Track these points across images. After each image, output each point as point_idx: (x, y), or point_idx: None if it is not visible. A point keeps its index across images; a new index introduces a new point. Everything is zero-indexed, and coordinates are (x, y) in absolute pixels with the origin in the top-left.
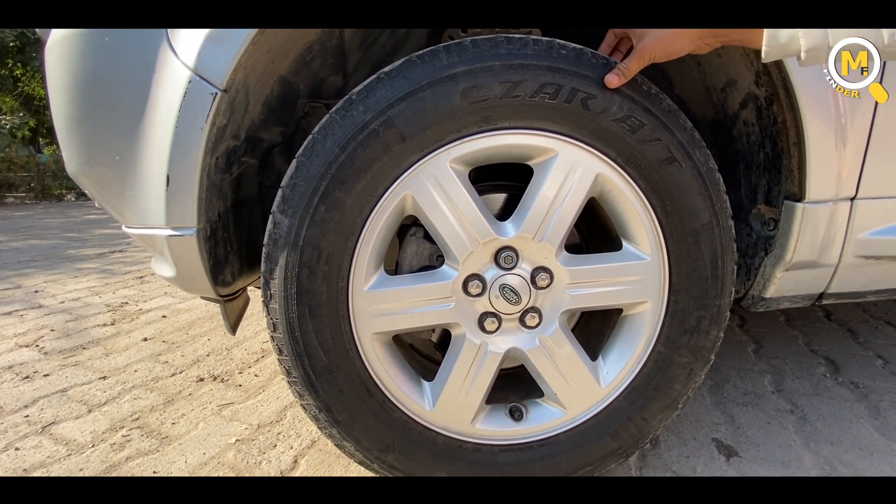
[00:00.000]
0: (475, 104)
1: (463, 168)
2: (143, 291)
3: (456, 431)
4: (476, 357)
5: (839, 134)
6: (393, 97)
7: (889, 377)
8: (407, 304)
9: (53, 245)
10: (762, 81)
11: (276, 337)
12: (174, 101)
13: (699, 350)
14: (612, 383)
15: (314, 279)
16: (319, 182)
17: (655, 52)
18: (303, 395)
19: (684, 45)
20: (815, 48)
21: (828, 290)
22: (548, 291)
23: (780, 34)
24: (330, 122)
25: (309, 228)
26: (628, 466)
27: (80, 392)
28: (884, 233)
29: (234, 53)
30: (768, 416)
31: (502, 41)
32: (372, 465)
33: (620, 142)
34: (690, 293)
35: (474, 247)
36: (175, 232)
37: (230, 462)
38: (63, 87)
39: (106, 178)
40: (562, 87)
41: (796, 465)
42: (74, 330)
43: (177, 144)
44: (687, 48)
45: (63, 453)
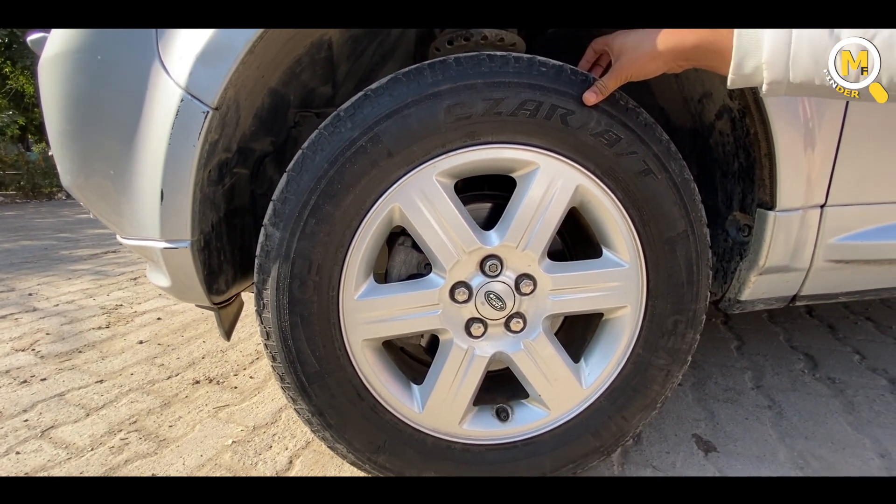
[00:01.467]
0: (459, 121)
1: (448, 181)
2: (138, 293)
3: (444, 432)
4: (463, 361)
5: (808, 146)
6: (380, 114)
7: (865, 372)
8: (396, 311)
9: (46, 246)
10: (735, 94)
11: (270, 345)
12: (167, 119)
13: (676, 352)
14: (593, 384)
15: (305, 289)
16: (309, 196)
17: (632, 72)
18: (296, 400)
19: (658, 66)
20: (775, 82)
21: (800, 292)
22: (532, 297)
23: (746, 65)
24: (319, 137)
25: (300, 241)
26: (611, 463)
27: (77, 396)
28: (852, 238)
29: (225, 73)
30: (747, 411)
31: (484, 59)
32: (364, 465)
33: (599, 155)
34: (667, 298)
35: (460, 256)
36: (170, 244)
37: (227, 463)
38: (57, 104)
39: (100, 191)
40: (542, 103)
41: (771, 459)
42: (70, 333)
43: (170, 161)
44: (661, 69)
45: (63, 457)
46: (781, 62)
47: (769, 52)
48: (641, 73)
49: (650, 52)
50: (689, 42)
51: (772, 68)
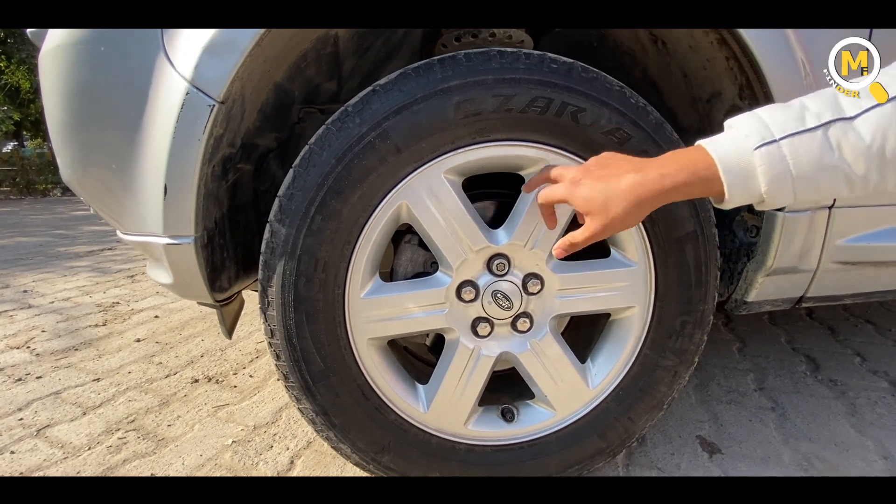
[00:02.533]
0: (469, 117)
1: (456, 178)
2: (135, 291)
3: (449, 433)
4: (469, 361)
5: None
6: (388, 109)
7: (866, 374)
8: (402, 310)
9: (41, 243)
10: (746, 95)
11: (274, 343)
12: (171, 112)
13: (684, 353)
14: (600, 385)
15: (311, 287)
16: (316, 192)
17: (610, 233)
18: (300, 400)
19: (639, 219)
20: (784, 200)
21: (807, 293)
22: (539, 297)
23: (741, 196)
24: (326, 133)
25: (306, 238)
26: (615, 464)
27: (73, 394)
28: (860, 240)
29: (232, 66)
30: (750, 413)
31: (495, 55)
32: (368, 466)
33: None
34: (676, 299)
35: (467, 254)
36: (173, 240)
37: (227, 463)
38: (58, 96)
39: (102, 186)
40: (552, 100)
41: (775, 461)
42: (66, 331)
43: (174, 155)
44: (639, 220)
45: (59, 456)
46: (787, 188)
47: (768, 184)
48: (624, 229)
49: (630, 210)
50: (677, 183)
51: (777, 197)
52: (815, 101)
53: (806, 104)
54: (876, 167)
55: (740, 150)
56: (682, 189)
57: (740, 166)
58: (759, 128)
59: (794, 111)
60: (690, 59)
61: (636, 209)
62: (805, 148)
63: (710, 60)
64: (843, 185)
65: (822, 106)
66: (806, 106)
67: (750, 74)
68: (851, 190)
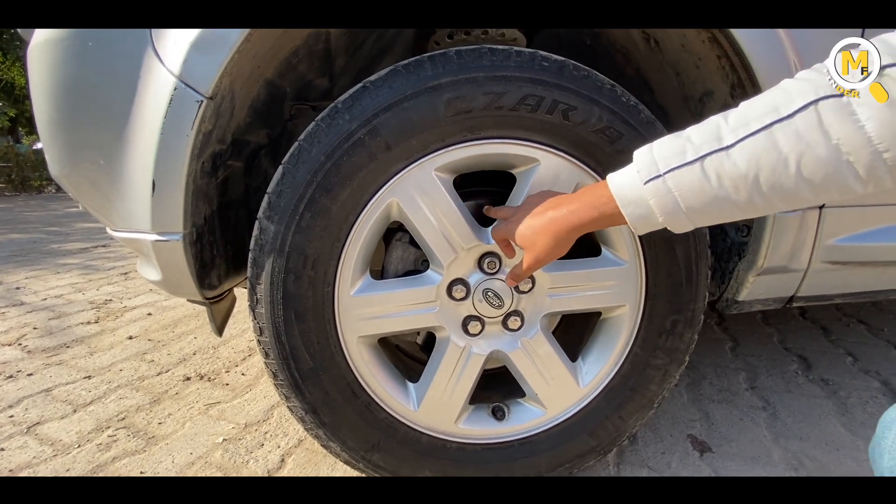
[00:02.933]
0: (459, 114)
1: (447, 176)
2: (128, 288)
3: (440, 431)
4: (460, 359)
5: None
6: (378, 106)
7: (858, 374)
8: (392, 308)
9: (34, 239)
10: (737, 94)
11: (263, 341)
12: (159, 107)
13: (674, 352)
14: (590, 384)
15: (300, 284)
16: (305, 189)
17: (542, 264)
18: (289, 398)
19: (564, 250)
20: (679, 225)
21: (797, 293)
22: (530, 296)
23: (644, 225)
24: (316, 129)
25: (295, 234)
26: (606, 463)
27: (64, 392)
28: (850, 240)
29: (220, 61)
30: (741, 412)
31: (486, 52)
32: (358, 464)
33: (600, 152)
34: (666, 297)
35: (458, 252)
36: (161, 237)
37: (217, 462)
38: (46, 91)
39: (90, 181)
40: (543, 98)
41: (766, 460)
42: (58, 328)
43: (162, 150)
44: (566, 250)
45: (49, 454)
46: (681, 218)
47: (663, 216)
48: (553, 259)
49: (550, 244)
50: (586, 220)
51: (677, 226)
52: (697, 132)
53: (690, 135)
54: (758, 194)
55: (633, 185)
56: (593, 222)
57: (635, 201)
58: (648, 163)
59: (679, 144)
60: (682, 57)
61: (555, 242)
62: (685, 180)
63: (702, 59)
64: (734, 211)
65: (702, 137)
66: (689, 138)
67: (741, 73)
68: (745, 214)
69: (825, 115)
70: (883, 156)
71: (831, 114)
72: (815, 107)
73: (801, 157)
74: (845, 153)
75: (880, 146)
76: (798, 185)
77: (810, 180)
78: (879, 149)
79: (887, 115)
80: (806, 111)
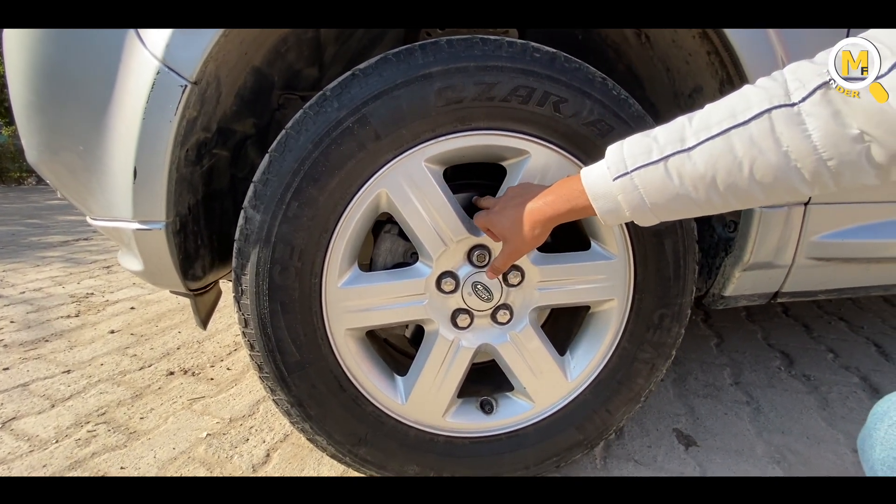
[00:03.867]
0: (450, 104)
1: (437, 167)
2: (110, 282)
3: (428, 425)
4: (448, 352)
5: None
6: (368, 94)
7: (838, 370)
8: (381, 300)
9: (13, 232)
10: (726, 90)
11: (248, 333)
12: (142, 92)
13: (661, 346)
14: (578, 377)
15: (287, 275)
16: (292, 178)
17: (521, 253)
18: (275, 391)
19: (540, 239)
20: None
21: (782, 289)
22: (519, 289)
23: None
24: (304, 117)
25: (281, 224)
26: (593, 456)
27: (42, 386)
28: (834, 236)
29: (206, 45)
30: (726, 407)
31: (477, 42)
32: (344, 458)
33: (590, 145)
34: (654, 292)
35: (448, 245)
36: (143, 226)
37: (201, 457)
38: (23, 74)
39: (69, 168)
40: (535, 90)
41: (749, 453)
42: (36, 322)
43: (144, 136)
44: (543, 239)
45: (25, 449)
46: (647, 213)
47: (630, 210)
48: (530, 249)
49: (527, 234)
50: (559, 211)
51: (642, 220)
52: (663, 133)
53: (657, 136)
54: (715, 194)
55: (604, 180)
56: (566, 214)
57: (605, 195)
58: (618, 160)
59: (646, 144)
60: (673, 53)
61: (532, 231)
62: (650, 178)
63: (692, 55)
64: (694, 208)
65: (667, 138)
66: (656, 137)
67: (731, 69)
68: (703, 210)
69: (777, 123)
70: (827, 163)
71: (783, 123)
72: (769, 115)
73: (754, 161)
74: (794, 160)
75: (825, 154)
76: (751, 187)
77: (761, 182)
78: (824, 157)
79: (832, 126)
80: (760, 119)
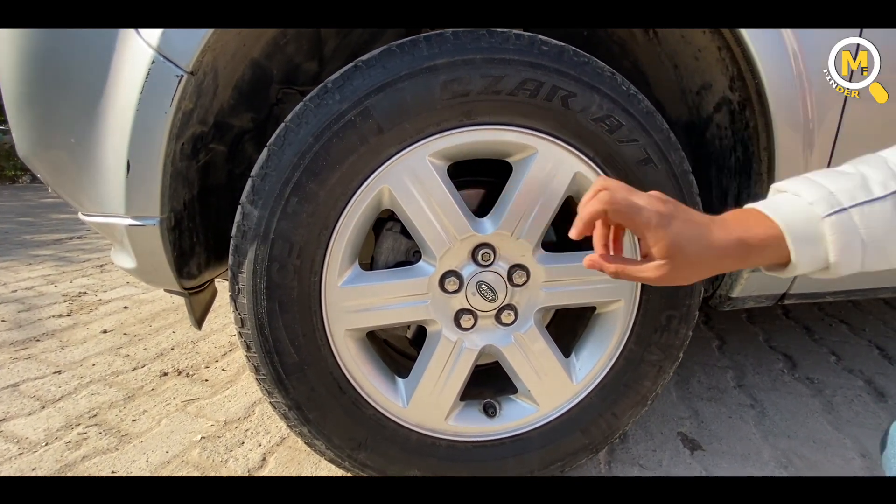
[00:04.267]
0: (455, 98)
1: (441, 162)
2: (103, 281)
3: (429, 429)
4: (451, 354)
5: (807, 141)
6: (371, 87)
7: (841, 373)
8: (382, 300)
9: (6, 230)
10: (736, 86)
11: (245, 333)
12: (136, 82)
13: (669, 348)
14: (584, 380)
15: (285, 274)
16: (292, 173)
17: (661, 283)
18: (272, 393)
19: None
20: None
21: (790, 290)
22: (524, 289)
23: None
24: (304, 110)
25: (280, 221)
26: (597, 461)
27: (32, 387)
28: None
29: (203, 34)
30: (730, 410)
31: (484, 34)
32: (343, 463)
33: (599, 141)
34: (661, 292)
35: (452, 243)
36: (136, 221)
37: (195, 460)
38: (13, 64)
39: (60, 162)
40: (543, 83)
41: (756, 458)
42: (27, 321)
43: (138, 129)
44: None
45: (14, 452)
46: (857, 257)
47: (838, 253)
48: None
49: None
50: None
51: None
52: (872, 169)
53: (864, 172)
54: None
55: (808, 217)
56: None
57: (807, 235)
58: (825, 195)
59: (857, 179)
60: (682, 49)
61: (713, 271)
62: (877, 216)
63: (702, 50)
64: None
65: (884, 175)
66: (866, 175)
67: (742, 65)
68: None
69: None
70: None
71: None
72: None
73: None
74: None
75: None
76: None
77: None
78: None
79: None
80: None
